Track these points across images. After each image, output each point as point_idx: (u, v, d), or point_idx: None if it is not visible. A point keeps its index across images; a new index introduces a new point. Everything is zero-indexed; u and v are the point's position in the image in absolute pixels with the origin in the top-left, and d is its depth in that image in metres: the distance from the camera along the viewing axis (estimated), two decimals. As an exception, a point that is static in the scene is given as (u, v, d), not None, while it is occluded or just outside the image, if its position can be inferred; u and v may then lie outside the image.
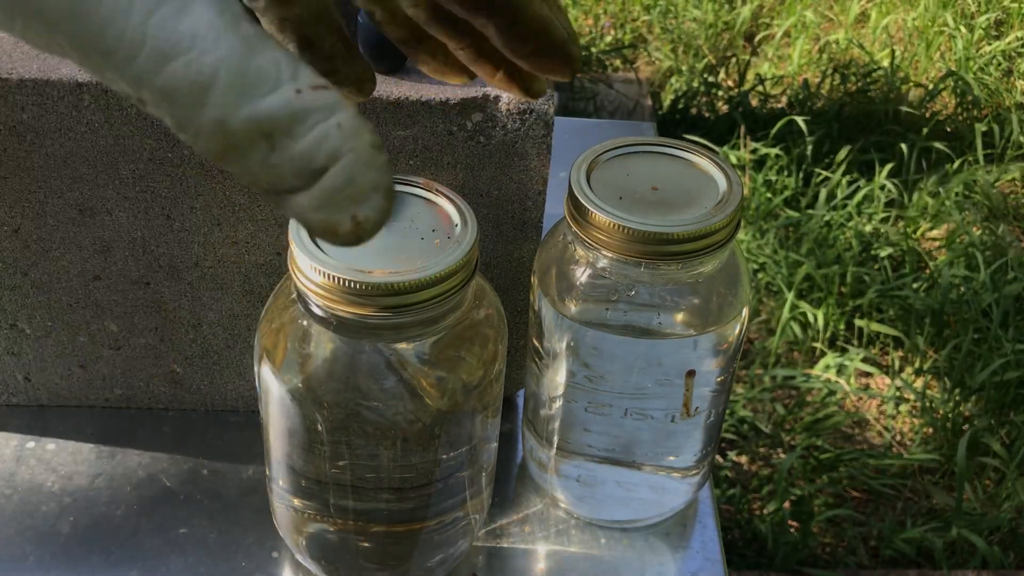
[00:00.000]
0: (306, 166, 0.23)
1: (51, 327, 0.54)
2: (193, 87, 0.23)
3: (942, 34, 2.34)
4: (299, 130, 0.23)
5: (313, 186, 0.23)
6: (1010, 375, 1.48)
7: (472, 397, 0.43)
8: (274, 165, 0.23)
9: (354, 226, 0.24)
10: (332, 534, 0.47)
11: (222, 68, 0.23)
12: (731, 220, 0.44)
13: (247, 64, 0.23)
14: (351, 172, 0.24)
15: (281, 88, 0.23)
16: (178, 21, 0.23)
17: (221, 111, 0.23)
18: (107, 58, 0.23)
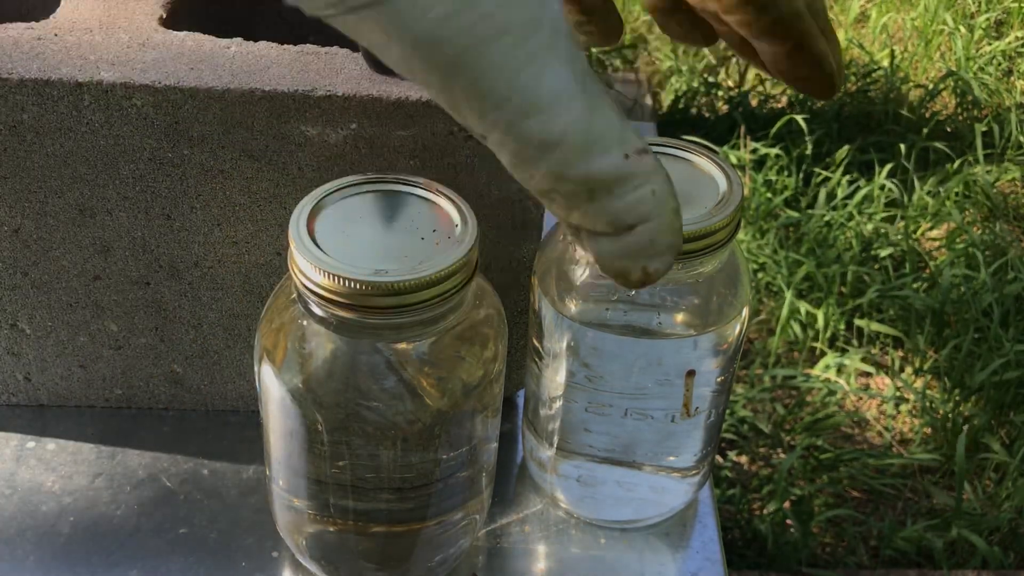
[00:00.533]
0: (618, 221, 0.27)
1: (51, 327, 0.54)
2: (543, 143, 0.26)
3: (942, 34, 2.34)
4: (620, 191, 0.27)
5: (619, 238, 0.27)
6: (1010, 375, 1.48)
7: (472, 397, 0.43)
8: (590, 213, 0.27)
9: (643, 275, 0.28)
10: (332, 534, 0.47)
11: (570, 131, 0.26)
12: (731, 220, 0.44)
13: (590, 127, 0.26)
14: (655, 234, 0.27)
15: (612, 152, 0.26)
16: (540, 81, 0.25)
17: (560, 166, 0.26)
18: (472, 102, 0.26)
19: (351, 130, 0.47)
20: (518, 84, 0.25)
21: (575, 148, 0.26)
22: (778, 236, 1.78)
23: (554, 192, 0.27)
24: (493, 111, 0.26)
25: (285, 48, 0.49)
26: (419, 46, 0.25)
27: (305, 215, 0.40)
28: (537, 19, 0.26)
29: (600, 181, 0.26)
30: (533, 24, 0.26)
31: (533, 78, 0.25)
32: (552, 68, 0.26)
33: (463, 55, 0.25)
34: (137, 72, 0.46)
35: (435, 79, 0.26)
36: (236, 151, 0.48)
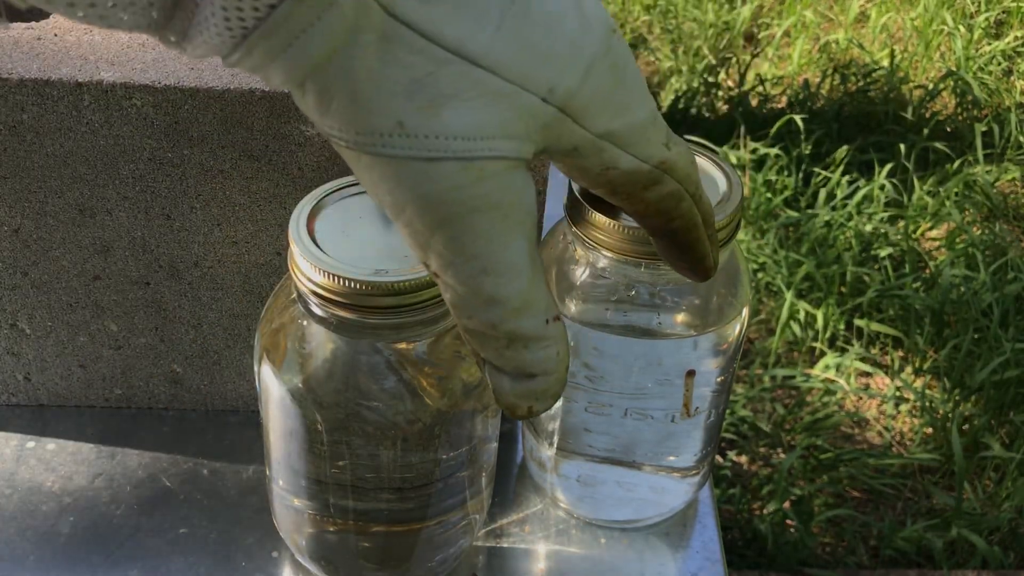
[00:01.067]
0: (523, 369, 0.32)
1: (51, 327, 0.54)
2: (490, 299, 0.31)
3: (942, 34, 2.34)
4: (534, 347, 0.32)
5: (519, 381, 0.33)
6: (1010, 374, 1.48)
7: (472, 397, 0.43)
8: (505, 358, 0.32)
9: (527, 412, 0.33)
10: (332, 534, 0.47)
11: (514, 296, 0.31)
12: (731, 220, 0.44)
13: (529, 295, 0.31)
14: (548, 385, 0.33)
15: (538, 317, 0.32)
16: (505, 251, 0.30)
17: (496, 319, 0.31)
18: (444, 251, 0.30)
19: (351, 130, 0.47)
20: (488, 249, 0.30)
21: (513, 309, 0.31)
22: (778, 236, 1.78)
23: (480, 335, 0.32)
24: (460, 263, 0.30)
25: (285, 48, 0.49)
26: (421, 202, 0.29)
27: (305, 215, 0.40)
28: (520, 202, 0.30)
29: (522, 337, 0.32)
30: (517, 204, 0.30)
31: (501, 247, 0.30)
32: (517, 242, 0.30)
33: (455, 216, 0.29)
34: (137, 72, 0.46)
35: (419, 226, 0.30)
36: (236, 151, 0.48)
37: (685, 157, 0.34)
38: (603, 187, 0.34)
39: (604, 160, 0.32)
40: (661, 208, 0.35)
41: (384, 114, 0.28)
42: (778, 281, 1.67)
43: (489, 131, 0.28)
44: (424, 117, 0.28)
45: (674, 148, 0.34)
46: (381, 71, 0.27)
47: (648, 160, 0.33)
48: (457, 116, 0.28)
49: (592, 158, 0.32)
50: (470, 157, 0.28)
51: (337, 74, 0.27)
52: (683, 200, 0.35)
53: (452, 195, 0.29)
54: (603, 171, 0.32)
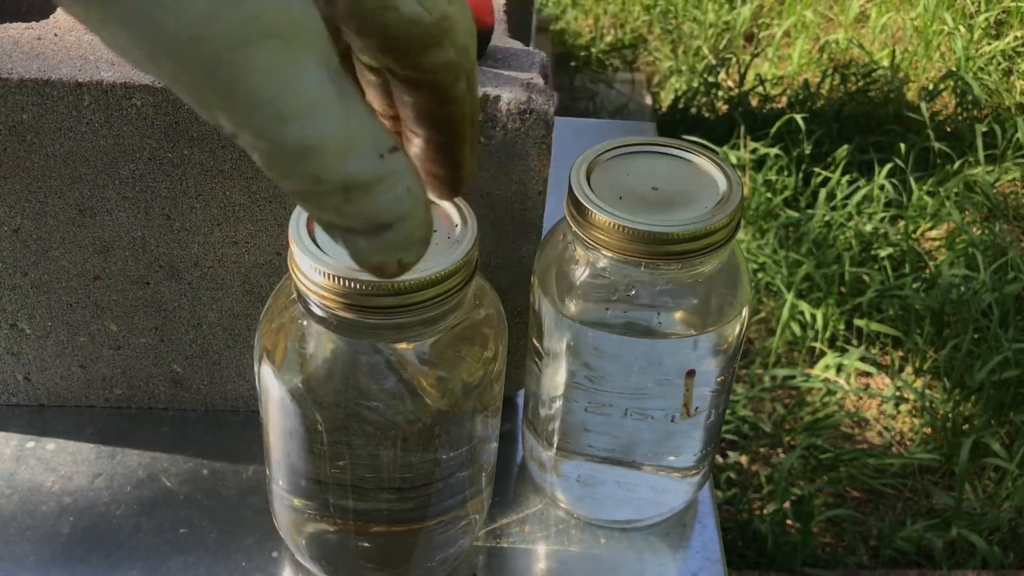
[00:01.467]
0: (375, 220, 0.28)
1: (51, 327, 0.54)
2: (300, 148, 0.26)
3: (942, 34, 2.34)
4: (377, 191, 0.27)
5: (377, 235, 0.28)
6: (1010, 374, 1.48)
7: (472, 397, 0.43)
8: (347, 213, 0.27)
9: (399, 267, 0.29)
10: (332, 534, 0.47)
11: (328, 136, 0.26)
12: (731, 220, 0.44)
13: (347, 130, 0.26)
14: (410, 230, 0.28)
15: (368, 153, 0.27)
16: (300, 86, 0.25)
17: (318, 169, 0.26)
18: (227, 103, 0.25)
19: (351, 130, 0.47)
20: (278, 89, 0.25)
21: (333, 152, 0.26)
22: (778, 236, 1.78)
23: (310, 193, 0.27)
24: (250, 114, 0.25)
25: (285, 48, 0.49)
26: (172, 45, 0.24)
27: (305, 215, 0.40)
28: (299, 21, 0.25)
29: (357, 183, 0.27)
30: (295, 27, 0.25)
31: (293, 83, 0.25)
32: (311, 72, 0.25)
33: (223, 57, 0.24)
34: (137, 72, 0.46)
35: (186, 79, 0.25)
36: (236, 151, 0.48)
37: (467, 23, 0.31)
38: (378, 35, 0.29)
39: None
40: (437, 81, 0.31)
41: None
42: (778, 281, 1.67)
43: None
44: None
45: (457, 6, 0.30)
46: None
47: (431, 9, 0.29)
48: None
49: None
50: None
51: None
52: (459, 80, 0.32)
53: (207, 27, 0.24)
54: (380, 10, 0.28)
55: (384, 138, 0.27)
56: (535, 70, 0.49)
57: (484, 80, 0.48)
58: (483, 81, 0.48)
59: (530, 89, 0.48)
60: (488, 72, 0.48)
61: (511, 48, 0.51)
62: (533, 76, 0.49)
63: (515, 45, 0.51)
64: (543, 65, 0.50)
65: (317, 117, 0.26)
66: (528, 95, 0.47)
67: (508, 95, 0.47)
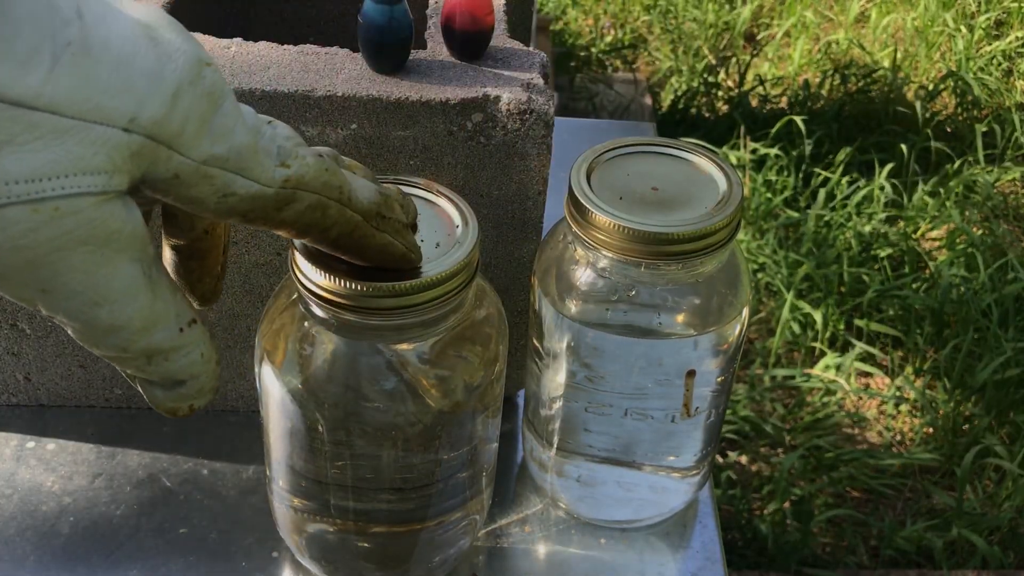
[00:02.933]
0: (170, 378, 0.33)
1: (51, 327, 0.54)
2: (110, 327, 0.30)
3: (942, 34, 2.34)
4: (175, 357, 0.33)
5: (171, 389, 0.33)
6: (1010, 374, 1.48)
7: (473, 397, 0.43)
8: (148, 372, 0.32)
9: (189, 410, 0.34)
10: (332, 534, 0.47)
11: (135, 317, 0.31)
12: (731, 220, 0.44)
13: (152, 311, 0.31)
14: (200, 384, 0.34)
15: (169, 327, 0.32)
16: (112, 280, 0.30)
17: (124, 342, 0.31)
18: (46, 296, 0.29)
19: (351, 130, 0.47)
20: (90, 283, 0.29)
21: (138, 330, 0.31)
22: (778, 236, 1.78)
23: (116, 359, 0.32)
24: (64, 302, 0.30)
25: (285, 48, 0.49)
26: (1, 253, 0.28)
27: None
28: (118, 231, 0.29)
29: (158, 351, 0.32)
30: (113, 235, 0.29)
31: (105, 278, 0.30)
32: (123, 268, 0.30)
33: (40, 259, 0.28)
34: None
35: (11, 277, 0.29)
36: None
37: (315, 167, 0.33)
38: (231, 217, 0.32)
39: (217, 187, 0.31)
40: (307, 223, 0.34)
41: None
42: (778, 281, 1.67)
43: (58, 170, 0.28)
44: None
45: (295, 163, 0.32)
46: None
47: (269, 184, 0.32)
48: (15, 161, 0.27)
49: (201, 186, 0.31)
50: (38, 199, 0.28)
51: None
52: (328, 208, 0.34)
53: (28, 239, 0.28)
54: (221, 199, 0.31)
55: (185, 313, 0.33)
56: (535, 70, 0.49)
57: (484, 80, 0.48)
58: (483, 81, 0.48)
59: (530, 89, 0.48)
60: (488, 72, 0.48)
61: (511, 48, 0.51)
62: (533, 76, 0.49)
63: (515, 45, 0.51)
64: (543, 65, 0.50)
65: (125, 303, 0.30)
66: (528, 95, 0.47)
67: (508, 95, 0.47)
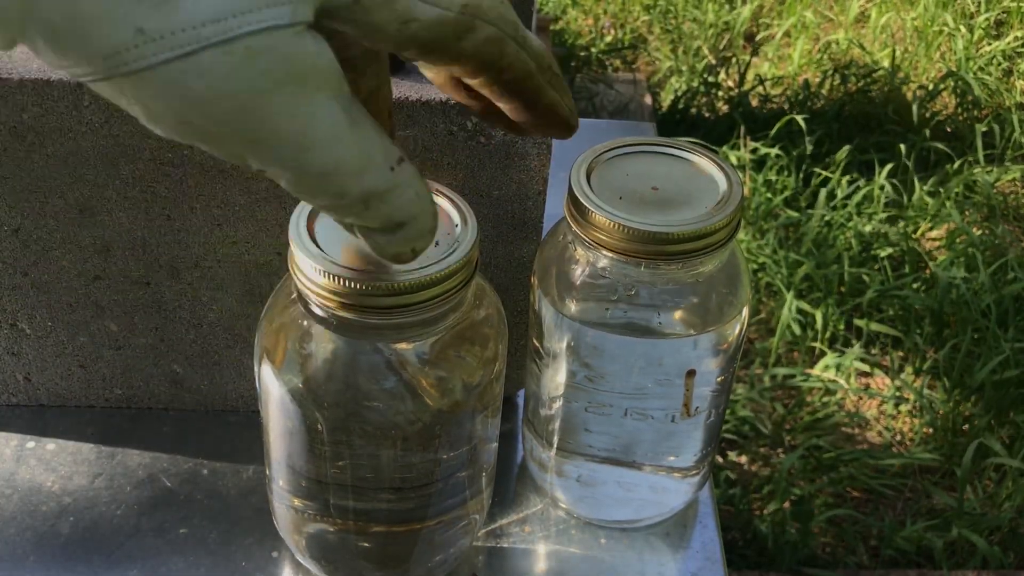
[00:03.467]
0: (390, 221, 0.32)
1: (51, 327, 0.54)
2: (322, 172, 0.30)
3: (942, 34, 2.34)
4: (390, 197, 0.31)
5: (392, 233, 0.32)
6: (1009, 374, 1.48)
7: (472, 397, 0.43)
8: (367, 217, 0.32)
9: (413, 254, 0.33)
10: (332, 534, 0.47)
11: (344, 159, 0.30)
12: (731, 220, 0.44)
13: (360, 151, 0.30)
14: (420, 225, 0.33)
15: (380, 168, 0.31)
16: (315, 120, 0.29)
17: (339, 187, 0.30)
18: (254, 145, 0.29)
19: (351, 130, 0.47)
20: (297, 126, 0.29)
21: (350, 172, 0.30)
22: (778, 236, 1.78)
23: (334, 207, 0.31)
24: (275, 151, 0.29)
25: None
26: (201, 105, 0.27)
27: (305, 215, 0.40)
28: (310, 65, 0.28)
29: (374, 194, 0.31)
30: (306, 71, 0.28)
31: (310, 118, 0.29)
32: (325, 106, 0.29)
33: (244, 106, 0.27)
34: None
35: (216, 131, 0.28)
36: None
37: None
38: (411, 47, 0.31)
39: (398, 12, 0.30)
40: (485, 59, 0.33)
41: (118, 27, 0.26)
42: (778, 281, 1.67)
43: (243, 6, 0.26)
44: (162, 15, 0.26)
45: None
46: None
47: (449, 6, 0.31)
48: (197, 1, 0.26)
49: (383, 11, 0.30)
50: (229, 38, 0.26)
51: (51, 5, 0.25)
52: (506, 45, 0.33)
53: (227, 85, 0.27)
54: (402, 26, 0.30)
55: (392, 152, 0.31)
56: (535, 70, 0.49)
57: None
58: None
59: (530, 89, 0.48)
60: (488, 72, 0.48)
61: (511, 48, 0.51)
62: (533, 76, 0.48)
63: (515, 45, 0.51)
64: (543, 65, 0.50)
65: (334, 144, 0.29)
66: (528, 95, 0.47)
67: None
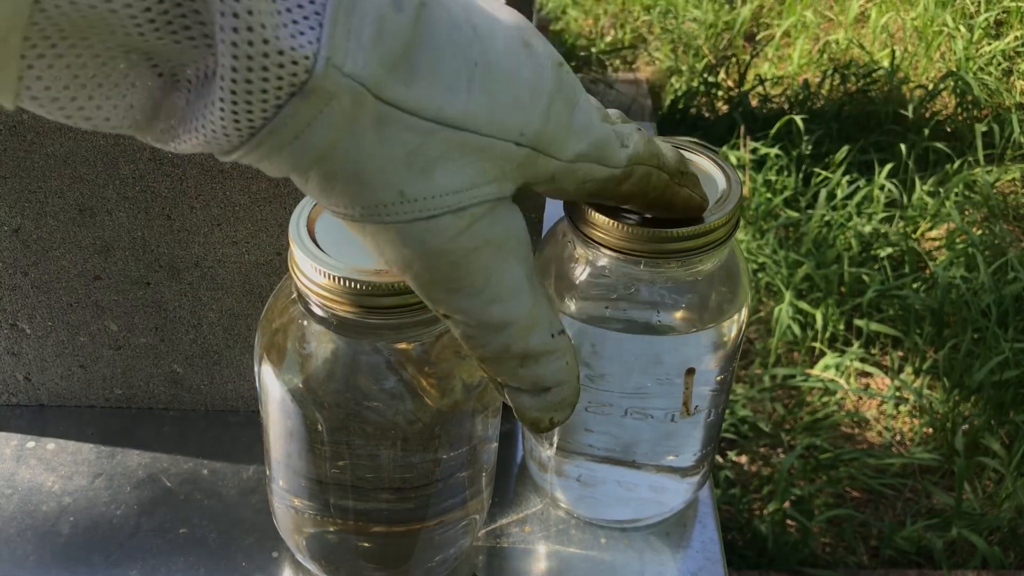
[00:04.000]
0: (539, 384, 0.35)
1: (51, 327, 0.54)
2: (501, 324, 0.34)
3: (942, 34, 2.34)
4: (546, 361, 0.35)
5: (538, 396, 0.36)
6: (1009, 374, 1.48)
7: (472, 397, 0.43)
8: (519, 376, 0.35)
9: (550, 424, 0.36)
10: (332, 534, 0.47)
11: (520, 316, 0.34)
12: (730, 218, 0.44)
13: (533, 313, 0.34)
14: (565, 396, 0.36)
15: (545, 332, 0.35)
16: (504, 279, 0.33)
17: (507, 341, 0.34)
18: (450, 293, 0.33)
19: (351, 130, 0.47)
20: (491, 281, 0.33)
21: (521, 329, 0.34)
22: (778, 236, 1.78)
23: (495, 360, 0.35)
24: (468, 300, 0.33)
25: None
26: (427, 257, 0.32)
27: (305, 215, 0.40)
28: (510, 232, 0.33)
29: (533, 353, 0.35)
30: (507, 236, 0.33)
31: (501, 276, 0.33)
32: (514, 268, 0.33)
33: (458, 261, 0.32)
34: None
35: (427, 276, 0.32)
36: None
37: (642, 142, 0.37)
38: (584, 197, 0.37)
39: (580, 178, 0.35)
40: (635, 192, 0.38)
41: (386, 187, 0.31)
42: (778, 281, 1.67)
43: (474, 181, 0.32)
44: (420, 183, 0.31)
45: (632, 142, 0.36)
46: (379, 150, 0.30)
47: (619, 165, 0.36)
48: (447, 176, 0.31)
49: (568, 179, 0.34)
50: (462, 208, 0.31)
51: (340, 159, 0.30)
52: (651, 175, 0.38)
53: (451, 244, 0.32)
54: (580, 186, 0.35)
55: (557, 322, 0.35)
56: (535, 70, 0.49)
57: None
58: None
59: (530, 89, 0.48)
60: (488, 72, 0.48)
61: (511, 48, 0.50)
62: (533, 76, 0.48)
63: (515, 45, 0.51)
64: (543, 65, 0.50)
65: (515, 301, 0.34)
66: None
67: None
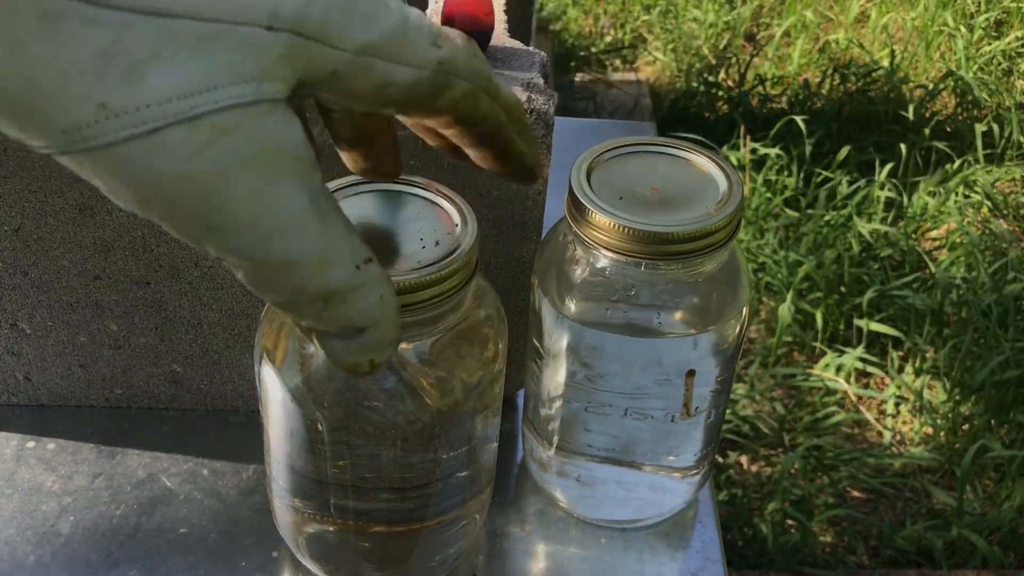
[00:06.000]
0: (350, 325, 0.30)
1: (51, 327, 0.54)
2: (283, 263, 0.28)
3: (942, 34, 2.34)
4: (352, 298, 0.29)
5: (351, 339, 0.30)
6: (1010, 374, 1.48)
7: (472, 397, 0.43)
8: (325, 319, 0.29)
9: (370, 366, 0.31)
10: (332, 534, 0.47)
11: (310, 250, 0.28)
12: (731, 220, 0.44)
13: (325, 245, 0.28)
14: (382, 334, 0.30)
15: (345, 265, 0.29)
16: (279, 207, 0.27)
17: (300, 282, 0.28)
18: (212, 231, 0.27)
19: (351, 130, 0.47)
20: (261, 210, 0.27)
21: (312, 265, 0.28)
22: (778, 236, 1.78)
23: (292, 304, 0.29)
24: (236, 236, 0.27)
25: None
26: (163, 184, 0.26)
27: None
28: (281, 147, 0.27)
29: (335, 292, 0.29)
30: (277, 152, 0.27)
31: (275, 203, 0.27)
32: (292, 191, 0.27)
33: (207, 187, 0.26)
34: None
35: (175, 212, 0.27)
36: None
37: (464, 52, 0.31)
38: (388, 107, 0.31)
39: (375, 79, 0.29)
40: (460, 114, 0.33)
41: (79, 102, 0.25)
42: (778, 281, 1.67)
43: (208, 82, 0.25)
44: (127, 90, 0.25)
45: (447, 45, 0.31)
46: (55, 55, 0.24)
47: (424, 66, 0.30)
48: (166, 76, 0.25)
49: (360, 79, 0.29)
50: (194, 115, 0.25)
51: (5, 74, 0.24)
52: (480, 99, 0.33)
53: (191, 165, 0.26)
54: (380, 90, 0.30)
55: (360, 250, 0.30)
56: (535, 70, 0.49)
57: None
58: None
59: (530, 89, 0.48)
60: (488, 72, 0.48)
61: (511, 48, 0.51)
62: (533, 76, 0.49)
63: (515, 45, 0.51)
64: (543, 65, 0.50)
65: (299, 233, 0.28)
66: (528, 95, 0.47)
67: (508, 95, 0.47)
